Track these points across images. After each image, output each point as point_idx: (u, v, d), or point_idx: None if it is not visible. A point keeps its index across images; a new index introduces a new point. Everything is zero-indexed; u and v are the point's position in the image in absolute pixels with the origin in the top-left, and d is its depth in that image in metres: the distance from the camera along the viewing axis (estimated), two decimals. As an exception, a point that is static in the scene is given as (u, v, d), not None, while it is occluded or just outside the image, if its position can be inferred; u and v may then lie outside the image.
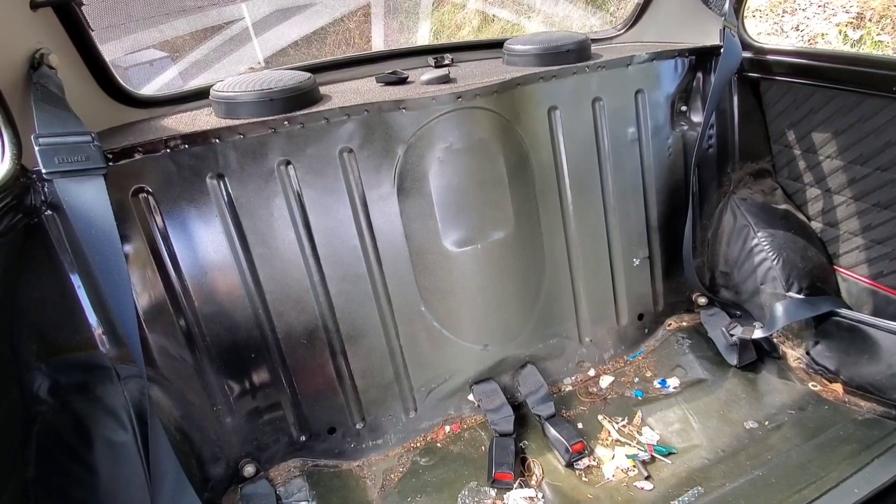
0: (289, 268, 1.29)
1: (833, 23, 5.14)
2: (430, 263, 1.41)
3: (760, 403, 1.52)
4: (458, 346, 1.49)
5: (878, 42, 4.86)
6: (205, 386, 1.26)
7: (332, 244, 1.32)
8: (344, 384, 1.41)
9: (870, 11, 5.04)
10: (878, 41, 4.88)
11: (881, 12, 4.98)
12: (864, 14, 5.05)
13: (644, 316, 1.76)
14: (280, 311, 1.30)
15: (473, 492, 1.35)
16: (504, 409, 1.49)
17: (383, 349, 1.43)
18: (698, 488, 1.27)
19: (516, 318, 1.54)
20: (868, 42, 4.90)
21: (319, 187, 1.28)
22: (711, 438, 1.43)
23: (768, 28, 5.34)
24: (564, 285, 1.61)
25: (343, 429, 1.44)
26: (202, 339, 1.24)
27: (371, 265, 1.37)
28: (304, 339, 1.34)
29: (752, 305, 1.71)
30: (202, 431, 1.27)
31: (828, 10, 5.33)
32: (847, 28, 5.06)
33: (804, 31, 5.20)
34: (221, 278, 1.23)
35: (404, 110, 1.28)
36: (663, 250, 1.74)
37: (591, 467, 1.39)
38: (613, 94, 1.54)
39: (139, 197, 1.14)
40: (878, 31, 4.96)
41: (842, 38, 5.07)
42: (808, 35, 5.16)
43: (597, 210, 1.61)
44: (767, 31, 5.37)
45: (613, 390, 1.65)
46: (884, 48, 4.83)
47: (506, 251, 1.46)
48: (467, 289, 1.45)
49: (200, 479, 1.24)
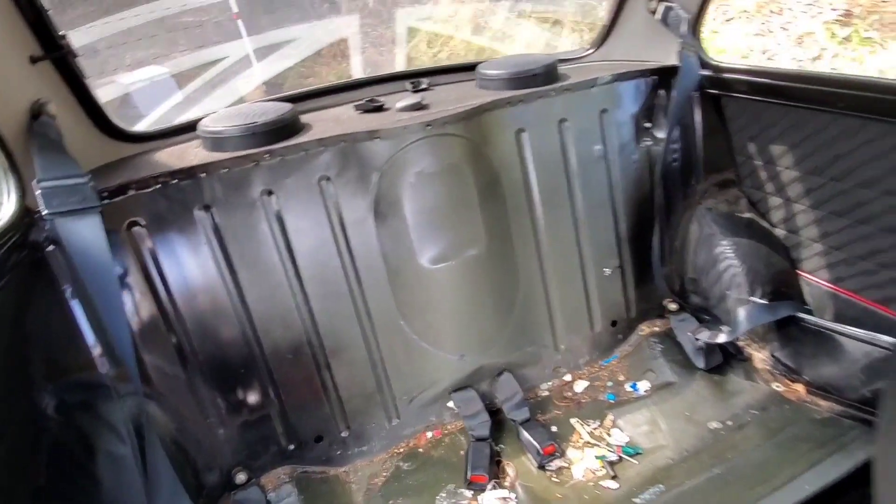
0: (274, 288, 1.39)
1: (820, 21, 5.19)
2: (407, 280, 1.50)
3: (725, 404, 1.60)
4: (437, 356, 1.58)
5: (867, 38, 4.91)
6: (198, 400, 1.36)
7: (313, 265, 1.41)
8: (329, 395, 1.51)
9: (858, 8, 5.07)
10: (866, 38, 4.92)
11: (869, 8, 5.02)
12: (853, 11, 5.09)
13: (617, 322, 1.85)
14: (267, 328, 1.40)
15: (451, 493, 1.44)
16: (481, 415, 1.58)
17: (365, 361, 1.52)
18: (660, 486, 1.35)
19: (492, 328, 1.63)
20: (856, 39, 4.94)
21: (300, 213, 1.37)
22: (677, 439, 1.51)
23: (756, 29, 5.40)
24: (538, 296, 1.70)
25: (329, 437, 1.54)
26: (194, 357, 1.34)
27: (351, 284, 1.46)
28: (289, 354, 1.44)
29: (719, 310, 1.79)
30: (196, 442, 1.36)
31: (814, 7, 5.37)
32: (835, 25, 5.11)
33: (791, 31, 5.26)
34: (211, 300, 1.33)
35: (378, 140, 1.37)
36: (634, 260, 1.82)
37: (563, 468, 1.48)
38: (579, 114, 1.63)
39: (133, 230, 1.24)
40: (867, 28, 5.00)
41: (829, 36, 5.12)
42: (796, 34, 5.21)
43: (567, 224, 1.69)
44: (755, 32, 5.43)
45: (587, 394, 1.73)
46: (872, 44, 4.88)
47: (479, 266, 1.55)
48: (443, 303, 1.54)
49: (195, 487, 1.34)
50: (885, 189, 1.36)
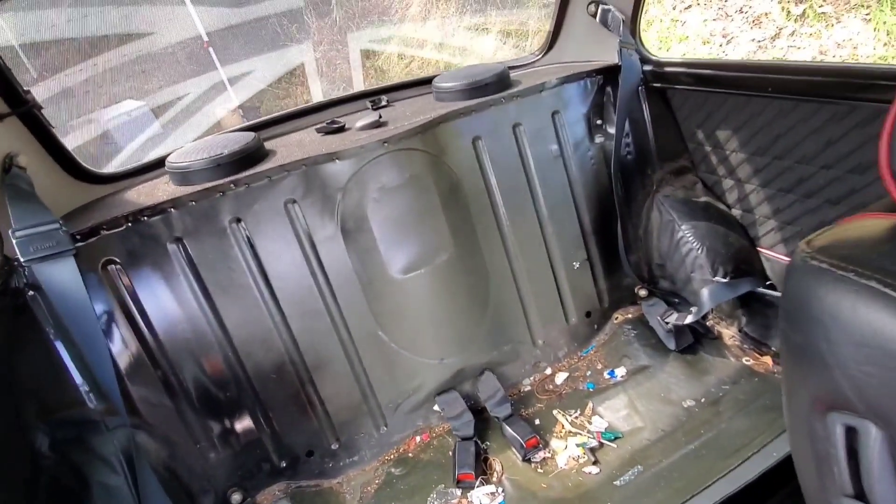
0: (251, 312, 1.44)
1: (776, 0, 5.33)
2: (380, 291, 1.56)
3: (699, 382, 1.66)
4: (417, 362, 1.64)
5: (822, 14, 5.05)
6: (187, 427, 1.41)
7: (288, 286, 1.47)
8: (316, 410, 1.56)
9: (811, -17, 5.21)
10: (821, 13, 5.07)
11: (823, -17, 5.16)
12: (807, -13, 5.23)
13: (592, 313, 1.91)
14: (248, 351, 1.45)
15: (441, 494, 1.49)
16: (465, 415, 1.63)
17: (348, 374, 1.57)
18: (638, 467, 1.41)
19: (468, 330, 1.69)
20: (811, 15, 5.08)
21: (270, 237, 1.43)
22: (654, 420, 1.57)
23: (713, 14, 5.54)
24: (510, 294, 1.77)
25: (320, 450, 1.58)
26: (180, 385, 1.39)
27: (327, 300, 1.52)
28: (273, 374, 1.49)
29: (687, 292, 1.86)
30: (188, 468, 1.41)
31: (770, -14, 5.50)
32: (790, 4, 5.25)
33: (748, 13, 5.40)
34: (191, 329, 1.38)
35: (337, 160, 1.44)
36: (601, 251, 1.89)
37: (546, 459, 1.53)
38: (531, 118, 1.70)
39: (108, 268, 1.29)
40: (822, 3, 5.15)
41: (785, 15, 5.26)
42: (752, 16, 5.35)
43: (532, 223, 1.76)
44: (713, 17, 5.57)
45: (568, 385, 1.79)
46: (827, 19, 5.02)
47: (450, 271, 1.62)
48: (419, 310, 1.60)
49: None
50: (823, 164, 1.44)
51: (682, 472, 1.36)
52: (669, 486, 1.32)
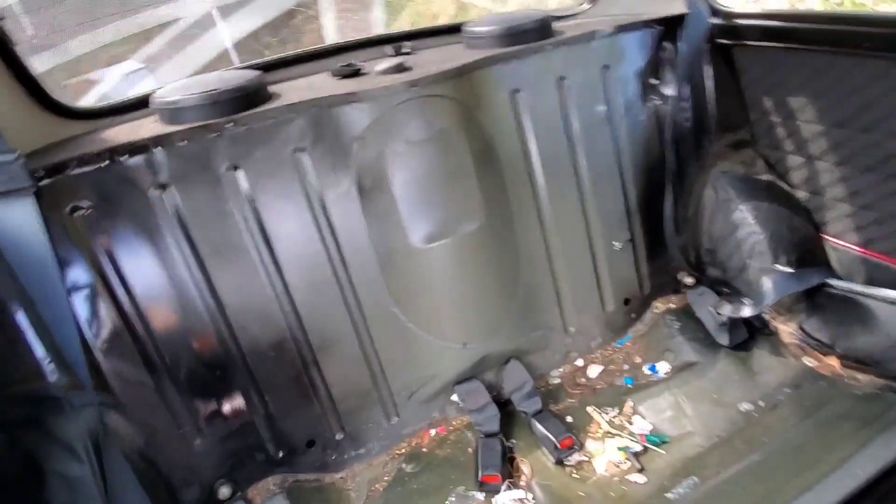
0: (248, 279, 1.23)
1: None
2: (398, 262, 1.35)
3: (754, 383, 1.46)
4: (436, 345, 1.43)
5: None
6: (168, 409, 1.20)
7: (292, 250, 1.25)
8: (319, 395, 1.35)
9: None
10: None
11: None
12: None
13: (630, 300, 1.71)
14: (243, 325, 1.24)
15: (461, 497, 1.30)
16: (489, 408, 1.43)
17: (357, 356, 1.37)
18: (693, 478, 1.22)
19: (495, 312, 1.48)
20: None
21: (273, 191, 1.21)
22: (705, 424, 1.37)
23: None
24: (543, 275, 1.55)
25: (322, 441, 1.38)
26: (161, 360, 1.18)
27: (336, 269, 1.30)
28: (271, 352, 1.28)
29: (740, 282, 1.65)
30: (169, 456, 1.21)
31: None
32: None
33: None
34: (176, 295, 1.17)
35: (355, 103, 1.21)
36: (645, 231, 1.68)
37: (582, 463, 1.34)
38: (578, 71, 1.47)
39: (76, 216, 1.07)
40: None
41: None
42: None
43: (571, 196, 1.54)
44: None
45: (602, 379, 1.59)
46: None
47: (478, 244, 1.40)
48: (440, 286, 1.39)
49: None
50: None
51: (746, 488, 1.16)
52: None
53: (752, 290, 1.60)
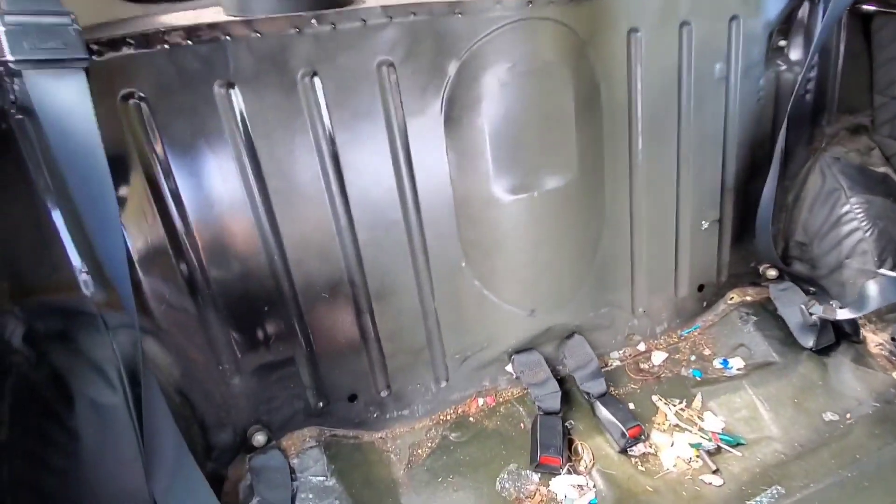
0: (311, 207, 1.07)
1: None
2: (476, 212, 1.19)
3: (839, 393, 1.33)
4: (501, 310, 1.29)
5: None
6: (209, 341, 1.07)
7: (363, 182, 1.09)
8: (369, 347, 1.22)
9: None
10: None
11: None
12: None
13: (705, 287, 1.56)
14: (299, 258, 1.10)
15: (514, 475, 1.19)
16: (549, 383, 1.30)
17: (416, 310, 1.23)
18: (777, 488, 1.10)
19: (569, 281, 1.33)
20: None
21: (352, 109, 1.04)
22: (785, 430, 1.25)
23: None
24: (623, 247, 1.40)
25: (365, 396, 1.27)
26: (206, 286, 1.04)
27: (408, 211, 1.15)
28: (325, 293, 1.14)
29: (830, 282, 1.50)
30: (206, 393, 1.09)
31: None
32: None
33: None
34: (230, 214, 1.02)
35: (460, 15, 1.02)
36: (736, 213, 1.51)
37: (648, 455, 1.22)
38: (704, 18, 1.27)
39: (129, 103, 0.91)
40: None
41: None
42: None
43: (669, 162, 1.37)
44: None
45: (667, 368, 1.46)
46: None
47: (564, 202, 1.24)
48: (517, 244, 1.24)
49: (203, 448, 1.08)
50: None
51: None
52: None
53: (844, 292, 1.45)
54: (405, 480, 1.19)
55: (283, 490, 1.08)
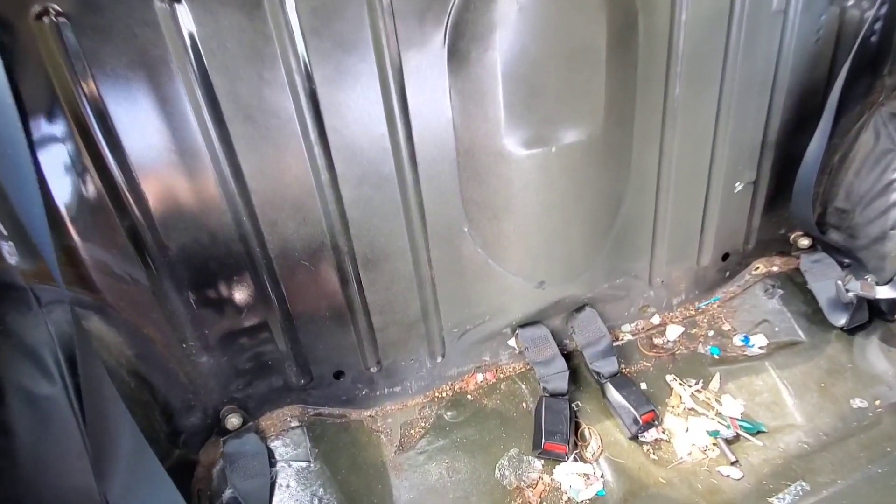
0: (284, 159, 0.89)
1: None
2: (482, 168, 1.01)
3: (869, 377, 1.22)
4: (507, 280, 1.14)
5: None
6: (168, 316, 0.92)
7: (348, 129, 0.90)
8: (357, 320, 1.08)
9: None
10: None
11: None
12: None
13: (729, 256, 1.41)
14: (273, 219, 0.93)
15: (514, 461, 1.09)
16: (557, 361, 1.18)
17: (410, 278, 1.08)
18: (802, 484, 1.01)
19: (585, 249, 1.18)
20: None
21: (333, 37, 0.83)
22: (810, 417, 1.15)
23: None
24: (646, 211, 1.24)
25: (353, 373, 1.14)
26: (161, 252, 0.87)
27: (402, 165, 0.97)
28: (305, 260, 0.98)
29: (869, 254, 1.35)
30: (168, 374, 0.95)
31: None
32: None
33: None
34: (184, 165, 0.84)
35: None
36: (774, 173, 1.33)
37: (660, 442, 1.12)
38: None
39: (45, 23, 0.69)
40: None
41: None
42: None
43: (708, 111, 1.17)
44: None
45: (683, 344, 1.34)
46: None
47: (586, 159, 1.06)
48: (529, 207, 1.07)
49: (168, 435, 0.96)
50: None
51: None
52: (856, 525, 0.92)
53: (883, 266, 1.31)
54: (396, 464, 1.09)
55: (260, 478, 0.97)
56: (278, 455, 1.05)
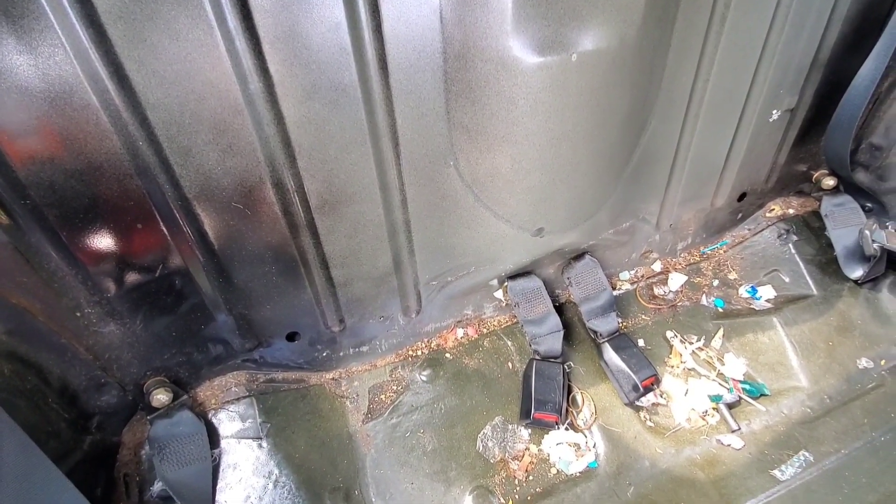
0: (193, 56, 0.60)
1: None
2: (478, 81, 0.75)
3: (876, 335, 1.14)
4: (499, 227, 0.93)
5: None
6: (47, 280, 0.68)
7: (287, 13, 0.61)
8: (312, 275, 0.87)
9: None
10: None
11: None
12: None
13: (747, 195, 1.24)
14: (185, 146, 0.66)
15: (499, 431, 0.97)
16: (550, 319, 1.03)
17: (378, 223, 0.85)
18: (805, 454, 0.94)
19: (595, 190, 0.96)
20: None
21: None
22: (815, 379, 1.07)
23: None
24: (669, 141, 1.02)
25: (311, 334, 0.95)
26: (17, 193, 0.61)
27: (367, 72, 0.69)
28: (237, 201, 0.74)
29: (894, 198, 1.22)
30: (59, 351, 0.73)
31: None
32: None
33: None
34: (36, 68, 0.54)
35: None
36: (816, 100, 1.12)
37: (658, 406, 1.02)
38: None
39: None
40: None
41: None
42: None
43: (761, 20, 0.92)
44: None
45: (686, 295, 1.21)
46: None
47: (612, 72, 0.80)
48: (535, 136, 0.82)
49: (72, 421, 0.76)
50: None
51: (873, 478, 0.90)
52: (859, 499, 0.86)
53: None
54: (364, 434, 0.95)
55: (197, 464, 0.81)
56: (222, 432, 0.88)
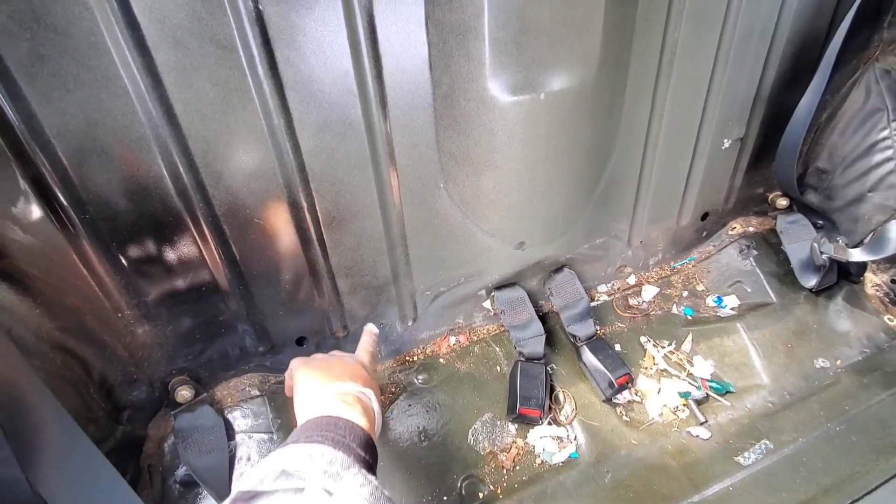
0: (229, 97, 0.74)
1: None
2: (462, 116, 0.89)
3: (831, 338, 1.26)
4: (485, 241, 1.06)
5: None
6: (95, 283, 0.79)
7: (305, 63, 0.76)
8: (320, 284, 0.98)
9: None
10: None
11: None
12: None
13: (708, 215, 1.38)
14: (218, 170, 0.79)
15: (489, 426, 1.06)
16: (533, 325, 1.14)
17: (379, 239, 0.98)
18: (766, 442, 1.03)
19: (569, 208, 1.10)
20: None
21: None
22: (776, 377, 1.17)
23: None
24: (633, 167, 1.16)
25: (318, 338, 1.06)
26: (79, 208, 0.73)
27: (370, 110, 0.83)
28: (257, 218, 0.86)
29: (843, 216, 1.35)
30: (102, 347, 0.84)
31: None
32: None
33: None
34: (99, 103, 0.68)
35: None
36: (762, 130, 1.28)
37: (633, 403, 1.12)
38: None
39: None
40: None
41: None
42: None
43: (706, 59, 1.08)
44: None
45: (657, 305, 1.33)
46: None
47: (576, 108, 0.95)
48: (512, 161, 0.96)
49: (108, 412, 0.85)
50: None
51: (828, 463, 0.99)
52: (815, 482, 0.96)
53: (854, 229, 1.31)
54: (364, 432, 1.04)
55: (217, 453, 0.90)
56: (237, 427, 0.97)
